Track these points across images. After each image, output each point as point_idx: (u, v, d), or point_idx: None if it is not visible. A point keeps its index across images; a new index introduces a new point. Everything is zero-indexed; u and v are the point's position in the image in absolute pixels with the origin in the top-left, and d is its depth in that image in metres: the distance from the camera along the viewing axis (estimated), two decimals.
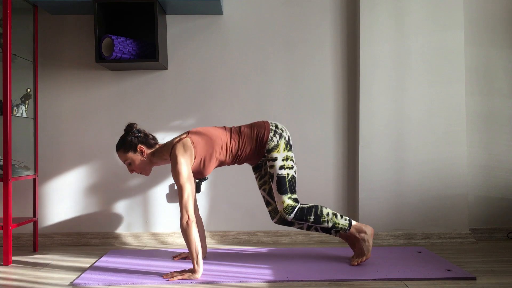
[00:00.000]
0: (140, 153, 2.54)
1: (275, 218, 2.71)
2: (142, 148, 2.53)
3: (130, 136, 2.54)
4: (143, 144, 2.54)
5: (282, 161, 2.56)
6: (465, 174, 3.24)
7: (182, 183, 2.40)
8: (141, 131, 2.57)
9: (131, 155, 2.54)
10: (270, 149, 2.56)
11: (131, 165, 2.57)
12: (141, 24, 3.23)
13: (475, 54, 3.38)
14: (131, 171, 2.59)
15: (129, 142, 2.53)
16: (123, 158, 2.56)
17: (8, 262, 2.72)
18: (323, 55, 3.32)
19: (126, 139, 2.54)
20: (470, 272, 2.47)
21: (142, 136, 2.55)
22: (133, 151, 2.53)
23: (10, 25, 2.77)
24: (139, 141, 2.54)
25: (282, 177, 2.56)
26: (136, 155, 2.54)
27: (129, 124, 2.58)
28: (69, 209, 3.28)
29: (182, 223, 2.36)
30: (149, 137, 2.58)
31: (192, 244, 2.35)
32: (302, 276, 2.40)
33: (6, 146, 2.75)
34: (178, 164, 2.42)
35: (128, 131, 2.56)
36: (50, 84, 3.28)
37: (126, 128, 2.58)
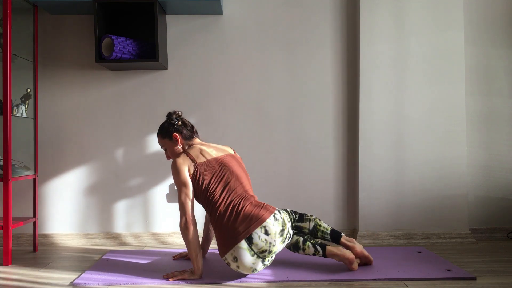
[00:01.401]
0: (175, 141, 2.55)
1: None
2: (176, 136, 2.54)
3: (168, 123, 2.57)
4: (178, 133, 2.55)
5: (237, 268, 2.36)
6: (465, 174, 3.24)
7: (180, 184, 2.40)
8: (179, 119, 2.58)
9: (167, 141, 2.56)
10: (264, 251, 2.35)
11: (167, 151, 2.60)
12: (141, 24, 3.23)
13: (475, 54, 3.38)
14: (167, 157, 2.62)
15: (166, 129, 2.56)
16: (160, 143, 2.60)
17: (8, 262, 2.72)
18: (323, 55, 3.32)
19: (164, 126, 2.58)
20: (470, 272, 2.47)
21: (180, 124, 2.56)
22: (169, 138, 2.55)
23: (10, 25, 2.77)
24: (174, 129, 2.55)
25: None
26: (172, 142, 2.55)
27: (170, 112, 2.60)
28: (69, 209, 3.28)
29: (180, 225, 2.37)
30: (187, 127, 2.57)
31: (191, 245, 2.35)
32: (302, 276, 2.40)
33: (6, 146, 2.75)
34: (175, 170, 2.43)
35: (168, 118, 2.59)
36: (50, 84, 3.28)
37: (167, 115, 2.61)
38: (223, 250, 2.35)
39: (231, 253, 2.31)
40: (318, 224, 2.62)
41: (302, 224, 2.62)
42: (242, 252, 2.29)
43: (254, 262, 2.31)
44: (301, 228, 2.62)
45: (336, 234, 2.61)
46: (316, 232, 2.62)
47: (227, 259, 2.34)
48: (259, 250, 2.30)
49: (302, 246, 2.51)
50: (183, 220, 2.36)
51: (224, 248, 2.33)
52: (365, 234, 3.22)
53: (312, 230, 2.61)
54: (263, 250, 2.31)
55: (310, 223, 2.62)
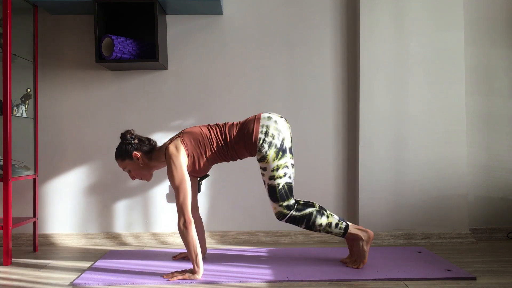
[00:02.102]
0: (136, 159, 2.54)
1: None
2: (137, 154, 2.53)
3: (125, 144, 2.55)
4: (137, 151, 2.54)
5: (271, 172, 2.46)
6: (465, 174, 3.25)
7: (177, 185, 2.40)
8: (135, 137, 2.56)
9: (129, 162, 2.55)
10: (259, 159, 2.48)
11: (131, 172, 2.59)
12: (141, 24, 3.23)
13: (475, 54, 3.38)
14: (132, 178, 2.61)
15: (124, 150, 2.54)
16: (122, 166, 2.58)
17: (8, 262, 2.72)
18: (323, 55, 3.32)
19: (121, 148, 2.56)
20: (470, 272, 2.47)
21: (136, 142, 2.55)
22: (130, 158, 2.54)
23: (10, 25, 2.77)
24: (133, 148, 2.54)
25: (272, 187, 2.47)
26: (133, 162, 2.55)
27: (123, 133, 2.58)
28: (69, 209, 3.28)
29: (179, 225, 2.37)
30: (144, 142, 2.57)
31: (191, 246, 2.35)
32: (302, 276, 2.40)
33: (6, 146, 2.75)
34: (172, 166, 2.43)
35: (123, 139, 2.57)
36: (50, 84, 3.28)
37: (121, 136, 2.58)
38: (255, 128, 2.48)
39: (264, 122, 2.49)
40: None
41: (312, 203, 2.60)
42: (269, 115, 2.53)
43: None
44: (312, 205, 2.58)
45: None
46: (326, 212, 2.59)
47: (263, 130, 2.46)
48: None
49: (326, 213, 2.52)
50: (181, 221, 2.36)
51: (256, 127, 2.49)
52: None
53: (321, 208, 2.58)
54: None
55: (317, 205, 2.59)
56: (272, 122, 2.51)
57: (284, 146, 2.48)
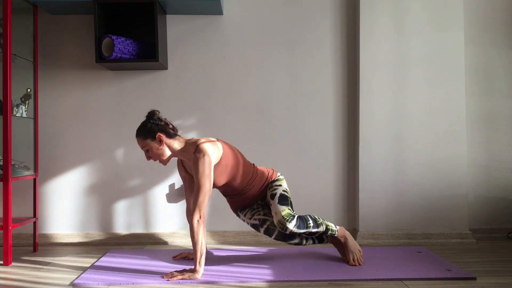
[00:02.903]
0: (158, 141, 2.48)
1: (274, 233, 2.58)
2: (161, 136, 2.47)
3: (151, 123, 2.49)
4: (162, 133, 2.48)
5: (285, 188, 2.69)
6: (465, 174, 3.24)
7: (203, 182, 2.39)
8: (162, 119, 2.52)
9: (150, 142, 2.48)
10: (276, 180, 2.71)
11: (148, 152, 2.51)
12: (141, 24, 3.23)
13: (475, 54, 3.38)
14: (148, 158, 2.53)
15: (148, 129, 2.48)
16: (141, 144, 2.51)
17: (8, 262, 2.72)
18: (323, 55, 3.32)
19: (146, 126, 2.49)
20: (470, 272, 2.47)
21: (163, 124, 2.50)
22: (152, 138, 2.47)
23: (10, 25, 2.77)
24: (158, 129, 2.48)
25: (284, 195, 2.62)
26: (154, 143, 2.48)
27: (151, 111, 2.54)
28: (69, 209, 3.28)
29: (193, 221, 2.36)
30: (169, 126, 2.52)
31: (198, 244, 2.36)
32: (302, 276, 2.40)
33: (6, 146, 2.75)
34: (203, 161, 2.40)
35: (150, 117, 2.52)
36: (50, 84, 3.28)
37: (147, 115, 2.54)
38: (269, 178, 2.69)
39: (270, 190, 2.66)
40: None
41: None
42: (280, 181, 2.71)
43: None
44: None
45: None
46: None
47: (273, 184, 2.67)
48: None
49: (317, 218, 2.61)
50: (196, 217, 2.36)
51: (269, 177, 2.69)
52: (365, 234, 3.22)
53: None
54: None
55: None
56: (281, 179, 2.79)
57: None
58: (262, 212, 2.67)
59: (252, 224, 2.68)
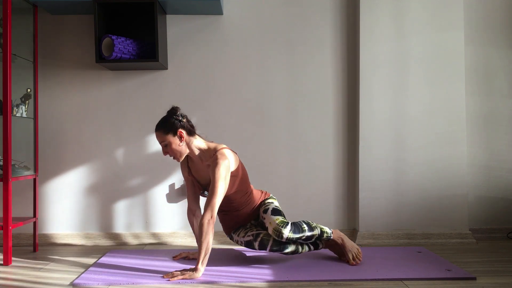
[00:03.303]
0: (179, 137, 2.50)
1: (269, 243, 2.56)
2: (182, 133, 2.49)
3: (174, 119, 2.50)
4: (184, 129, 2.51)
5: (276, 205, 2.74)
6: (465, 174, 3.24)
7: (220, 184, 2.42)
8: (184, 116, 2.54)
9: (170, 137, 2.49)
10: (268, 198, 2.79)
11: (166, 147, 2.52)
12: (141, 24, 3.23)
13: (475, 54, 3.38)
14: (165, 153, 2.54)
15: (170, 124, 2.49)
16: (160, 139, 2.51)
17: (8, 262, 2.72)
18: (323, 55, 3.32)
19: (168, 121, 2.50)
20: (470, 272, 2.47)
21: (185, 121, 2.52)
22: (173, 134, 2.49)
23: (10, 25, 2.77)
24: (180, 125, 2.50)
25: (276, 209, 2.67)
26: (175, 138, 2.49)
27: (173, 107, 2.56)
28: (69, 209, 3.28)
29: (204, 221, 2.36)
30: (190, 123, 2.55)
31: (205, 243, 2.37)
32: (302, 276, 2.40)
33: (6, 146, 2.75)
34: (224, 165, 2.44)
35: (172, 113, 2.53)
36: (50, 84, 3.28)
37: (169, 110, 2.55)
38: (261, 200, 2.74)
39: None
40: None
41: None
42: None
43: None
44: None
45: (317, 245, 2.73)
46: None
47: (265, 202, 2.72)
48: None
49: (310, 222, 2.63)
50: (207, 217, 2.37)
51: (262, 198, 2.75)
52: (365, 234, 3.22)
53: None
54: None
55: None
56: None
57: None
58: (255, 229, 2.68)
59: (246, 241, 2.65)
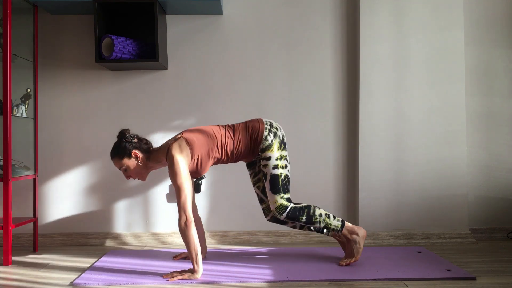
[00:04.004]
0: (135, 158, 2.52)
1: (268, 216, 2.73)
2: (136, 153, 2.52)
3: (124, 143, 2.52)
4: (137, 150, 2.52)
5: (276, 161, 2.56)
6: (465, 174, 3.24)
7: (180, 184, 2.40)
8: (134, 136, 2.55)
9: (126, 161, 2.52)
10: (264, 148, 2.56)
11: (127, 171, 2.55)
12: (141, 24, 3.23)
13: (475, 54, 3.38)
14: (127, 177, 2.58)
15: (123, 149, 2.51)
16: (118, 165, 2.54)
17: (8, 262, 2.73)
18: (323, 55, 3.32)
19: (120, 146, 2.52)
20: (470, 272, 2.47)
21: (136, 141, 2.54)
22: (128, 157, 2.51)
23: (10, 25, 2.77)
24: (133, 147, 2.52)
25: (275, 176, 2.56)
26: (131, 160, 2.52)
27: (122, 131, 2.56)
28: (69, 209, 3.28)
29: (180, 224, 2.37)
30: (142, 141, 2.57)
31: (191, 245, 2.35)
32: (302, 276, 2.40)
33: (6, 146, 2.75)
34: (175, 165, 2.42)
35: (122, 137, 2.55)
36: (50, 84, 3.28)
37: (119, 135, 2.56)
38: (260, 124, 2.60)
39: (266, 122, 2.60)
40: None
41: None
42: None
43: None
44: None
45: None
46: None
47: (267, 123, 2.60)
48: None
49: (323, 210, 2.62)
50: (183, 219, 2.36)
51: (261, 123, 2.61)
52: None
53: None
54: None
55: None
56: (273, 121, 2.67)
57: (284, 140, 2.65)
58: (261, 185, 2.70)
59: (255, 191, 2.76)
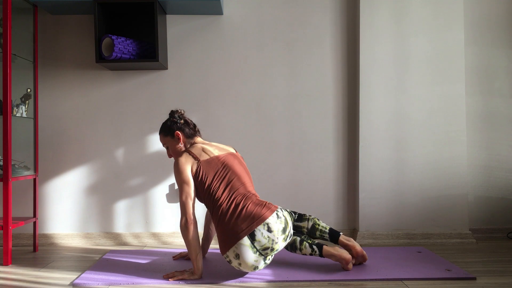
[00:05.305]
0: (177, 139, 2.56)
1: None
2: (179, 134, 2.55)
3: (170, 121, 2.59)
4: (180, 131, 2.56)
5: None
6: (465, 174, 3.24)
7: (179, 185, 2.41)
8: (182, 117, 2.60)
9: (169, 139, 2.58)
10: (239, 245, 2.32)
11: (168, 150, 2.62)
12: (141, 24, 3.23)
13: (475, 54, 3.38)
14: (169, 155, 2.64)
15: (168, 127, 2.58)
16: (162, 141, 2.62)
17: (8, 262, 2.72)
18: (323, 55, 3.32)
19: (166, 123, 2.60)
20: (470, 272, 2.47)
21: (182, 123, 2.58)
22: (171, 136, 2.57)
23: (10, 25, 2.77)
24: (177, 128, 2.57)
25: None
26: (174, 140, 2.57)
27: (173, 110, 2.63)
28: (69, 209, 3.28)
29: (181, 224, 2.37)
30: (189, 125, 2.60)
31: (191, 245, 2.35)
32: (302, 276, 2.40)
33: (6, 146, 2.75)
34: (178, 165, 2.43)
35: (170, 115, 2.62)
36: (50, 84, 3.28)
37: (169, 113, 2.63)
38: (225, 247, 2.33)
39: (233, 250, 2.30)
40: (316, 224, 2.64)
41: (301, 224, 2.63)
42: (244, 249, 2.28)
43: (256, 259, 2.30)
44: (299, 228, 2.63)
45: (334, 233, 2.62)
46: (315, 232, 2.62)
47: (229, 257, 2.33)
48: (261, 247, 2.29)
49: (299, 246, 2.51)
50: (183, 220, 2.37)
51: (226, 245, 2.32)
52: (365, 234, 3.22)
53: (310, 229, 2.63)
54: (265, 248, 2.30)
55: (308, 223, 2.63)
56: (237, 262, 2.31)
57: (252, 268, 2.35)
58: None
59: None
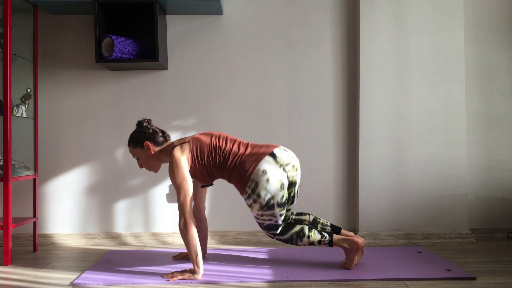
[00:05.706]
0: (147, 149, 2.55)
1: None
2: (148, 144, 2.54)
3: (138, 132, 2.58)
4: (149, 141, 2.55)
5: (256, 213, 2.48)
6: (465, 174, 3.24)
7: (178, 185, 2.41)
8: (149, 127, 2.58)
9: (139, 150, 2.57)
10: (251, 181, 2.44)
11: (139, 160, 2.60)
12: (141, 24, 3.23)
13: (475, 54, 3.38)
14: (140, 166, 2.63)
15: (136, 138, 2.57)
16: (132, 153, 2.61)
17: (8, 262, 2.72)
18: (323, 55, 3.32)
19: (134, 134, 2.58)
20: (470, 272, 2.47)
21: (150, 132, 2.56)
22: (141, 146, 2.56)
23: (10, 25, 2.77)
24: (146, 137, 2.55)
25: (257, 222, 2.54)
26: (143, 151, 2.56)
27: (140, 120, 2.62)
28: (69, 209, 3.28)
29: (180, 225, 2.37)
30: (158, 134, 2.58)
31: (191, 246, 2.36)
32: (302, 276, 2.40)
33: (6, 146, 2.75)
34: (174, 166, 2.43)
35: (138, 126, 2.60)
36: (50, 84, 3.28)
37: (136, 124, 2.62)
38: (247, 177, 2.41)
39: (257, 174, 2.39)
40: (318, 218, 2.68)
41: (302, 217, 2.66)
42: (268, 165, 2.42)
43: (281, 174, 2.42)
44: (301, 221, 2.65)
45: (335, 228, 2.65)
46: (316, 225, 2.65)
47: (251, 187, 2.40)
48: (284, 163, 2.45)
49: (307, 233, 2.49)
50: (182, 220, 2.37)
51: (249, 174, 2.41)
52: (365, 234, 3.22)
53: (312, 222, 2.66)
54: (286, 164, 2.46)
55: (310, 216, 2.67)
56: (264, 179, 2.41)
57: (271, 203, 2.43)
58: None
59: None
